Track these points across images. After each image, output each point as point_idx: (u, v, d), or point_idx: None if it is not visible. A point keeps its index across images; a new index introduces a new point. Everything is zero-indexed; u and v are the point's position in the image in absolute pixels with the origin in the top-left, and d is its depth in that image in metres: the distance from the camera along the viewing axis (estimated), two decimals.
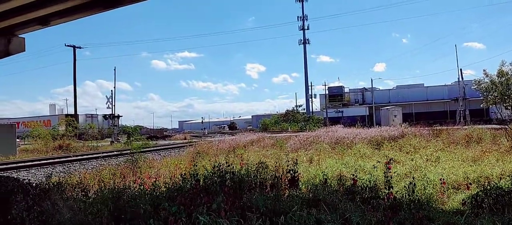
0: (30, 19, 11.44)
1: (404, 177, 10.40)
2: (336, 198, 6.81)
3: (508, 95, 16.55)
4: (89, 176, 12.85)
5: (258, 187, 7.72)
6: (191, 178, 7.70)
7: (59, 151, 30.44)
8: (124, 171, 13.68)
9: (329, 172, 10.43)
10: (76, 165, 19.61)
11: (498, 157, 12.93)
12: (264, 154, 17.15)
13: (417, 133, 20.90)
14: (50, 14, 11.05)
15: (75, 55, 59.19)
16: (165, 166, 14.81)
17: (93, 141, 40.37)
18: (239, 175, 8.08)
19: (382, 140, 19.89)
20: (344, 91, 78.82)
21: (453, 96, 54.96)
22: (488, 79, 17.21)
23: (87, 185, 9.87)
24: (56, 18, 11.44)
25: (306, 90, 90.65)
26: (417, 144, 17.72)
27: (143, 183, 8.06)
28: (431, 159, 13.62)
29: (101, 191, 7.58)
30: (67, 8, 10.63)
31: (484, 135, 18.28)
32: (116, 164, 17.74)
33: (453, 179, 9.61)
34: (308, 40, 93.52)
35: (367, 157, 15.22)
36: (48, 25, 11.93)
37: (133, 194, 7.12)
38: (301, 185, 8.58)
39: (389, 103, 67.36)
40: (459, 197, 7.85)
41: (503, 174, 9.78)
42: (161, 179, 10.13)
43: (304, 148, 19.72)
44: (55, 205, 6.97)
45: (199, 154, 18.98)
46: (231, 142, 25.04)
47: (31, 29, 12.60)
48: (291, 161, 9.18)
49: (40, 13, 10.84)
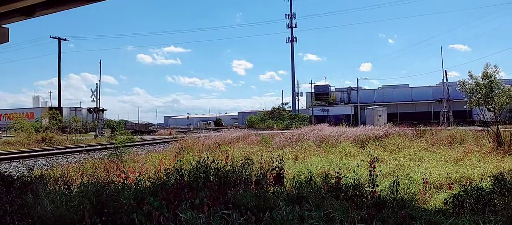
0: (15, 10, 11.22)
1: (388, 176, 10.51)
2: (321, 196, 6.85)
3: (491, 97, 16.77)
4: (72, 170, 12.72)
5: (243, 184, 7.71)
6: (175, 173, 7.67)
7: (42, 144, 30.08)
8: (108, 165, 13.56)
9: (314, 170, 10.49)
10: (59, 158, 19.39)
11: (480, 158, 13.15)
12: (249, 151, 17.16)
13: (401, 133, 21.11)
14: (35, 5, 10.86)
15: (60, 47, 58.51)
16: (150, 161, 14.74)
17: (77, 134, 39.92)
18: (224, 171, 8.07)
19: (366, 139, 20.05)
20: (330, 90, 79.11)
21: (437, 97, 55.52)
22: (473, 80, 17.42)
23: (70, 178, 9.77)
24: (42, 9, 11.24)
25: (292, 88, 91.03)
26: (401, 143, 17.91)
27: (127, 178, 8.00)
28: (415, 158, 13.79)
29: (84, 185, 7.50)
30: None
31: (467, 136, 18.54)
32: (100, 158, 17.59)
33: (436, 179, 9.74)
34: (295, 38, 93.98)
35: (352, 155, 15.35)
36: (33, 16, 11.73)
37: (117, 188, 7.06)
38: (286, 182, 8.60)
39: (374, 102, 67.83)
40: (441, 196, 7.96)
41: (484, 175, 9.95)
42: (145, 174, 10.07)
43: (290, 145, 19.79)
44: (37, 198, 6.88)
45: (184, 149, 18.90)
46: (216, 138, 25.01)
47: (16, 20, 12.38)
48: (277, 158, 9.20)
49: (25, 4, 10.64)
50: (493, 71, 16.92)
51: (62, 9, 11.47)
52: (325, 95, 77.44)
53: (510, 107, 17.03)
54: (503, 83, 17.30)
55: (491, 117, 17.86)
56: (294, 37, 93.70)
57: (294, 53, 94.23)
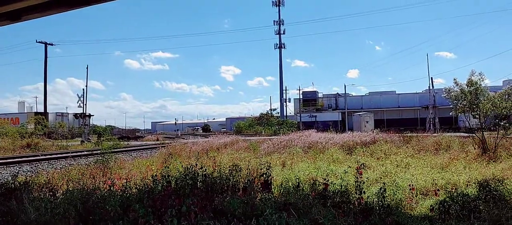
0: (1, 14, 11.09)
1: (375, 182, 10.56)
2: (308, 202, 6.85)
3: (476, 104, 16.96)
4: (58, 176, 12.55)
5: (231, 190, 7.69)
6: (162, 180, 7.62)
7: (27, 150, 29.67)
8: (94, 172, 13.41)
9: (302, 176, 10.49)
10: (44, 165, 19.14)
11: (466, 165, 13.28)
12: (237, 157, 17.13)
13: (388, 139, 21.24)
14: (22, 9, 10.73)
15: (46, 51, 58.05)
16: (136, 167, 14.63)
17: (63, 140, 39.46)
18: (212, 177, 8.04)
19: (354, 145, 20.14)
20: (318, 96, 79.42)
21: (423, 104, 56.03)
22: (458, 88, 17.60)
23: (55, 185, 9.65)
24: (28, 14, 11.11)
25: (280, 94, 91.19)
26: (388, 150, 18.01)
27: (113, 184, 7.92)
28: (401, 165, 13.88)
29: (69, 192, 7.41)
30: (40, 4, 10.33)
31: (453, 143, 18.71)
32: (86, 164, 17.40)
33: (422, 185, 9.80)
34: (284, 44, 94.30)
35: (339, 162, 15.40)
36: (19, 20, 11.58)
37: (103, 195, 6.98)
38: (274, 188, 8.59)
39: (361, 109, 68.23)
40: (428, 203, 8.01)
41: (470, 181, 10.06)
42: (132, 180, 9.99)
43: (278, 151, 19.79)
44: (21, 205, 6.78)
45: (172, 155, 18.80)
46: (204, 144, 24.91)
47: (1, 24, 12.21)
48: (265, 165, 9.19)
49: (11, 8, 10.50)
50: (478, 78, 17.12)
51: (49, 13, 11.35)
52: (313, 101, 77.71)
53: (494, 114, 17.22)
54: (488, 90, 17.51)
55: (476, 124, 18.06)
56: (282, 43, 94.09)
57: (282, 59, 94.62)
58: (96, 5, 10.75)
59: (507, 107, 16.51)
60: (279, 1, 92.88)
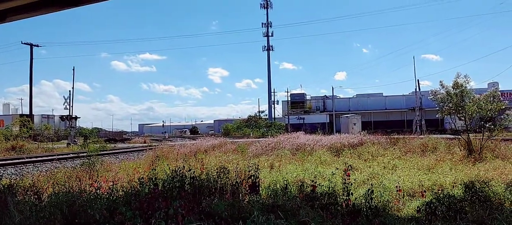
0: None
1: (362, 184, 10.60)
2: (296, 204, 6.85)
3: (462, 107, 17.15)
4: (43, 179, 12.39)
5: (218, 192, 7.66)
6: (149, 182, 7.56)
7: (12, 153, 29.27)
8: (80, 174, 13.27)
9: (290, 178, 10.49)
10: (30, 167, 18.88)
11: (452, 166, 13.42)
12: (225, 159, 17.08)
13: (375, 141, 21.37)
14: (7, 10, 10.58)
15: (32, 53, 57.41)
16: (123, 170, 14.49)
17: (48, 142, 39.01)
18: (199, 180, 8.00)
19: (341, 147, 20.23)
20: (306, 98, 79.70)
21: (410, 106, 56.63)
22: (444, 90, 17.78)
23: (40, 188, 9.51)
24: (14, 14, 10.94)
25: (269, 96, 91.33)
26: (375, 152, 18.13)
27: (100, 187, 7.84)
28: (388, 166, 13.98)
29: (55, 195, 7.31)
30: (26, 4, 10.19)
31: (439, 145, 18.90)
32: (72, 167, 17.19)
33: (409, 187, 9.87)
34: (272, 47, 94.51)
35: (327, 163, 15.44)
36: (3, 21, 11.41)
37: (89, 198, 6.90)
38: (261, 190, 8.58)
39: (349, 111, 68.61)
40: (414, 204, 8.06)
41: (456, 183, 10.16)
42: (119, 183, 9.89)
43: (266, 153, 19.79)
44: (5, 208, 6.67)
45: (159, 158, 18.68)
46: (192, 146, 24.80)
47: None
48: (253, 167, 9.17)
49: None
50: (463, 81, 17.32)
51: (35, 14, 11.21)
52: (301, 104, 77.95)
53: (480, 116, 17.43)
54: (473, 92, 17.73)
55: (462, 126, 18.27)
56: (270, 45, 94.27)
57: (270, 61, 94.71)
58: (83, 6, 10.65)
59: (492, 109, 16.73)
60: (267, 4, 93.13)
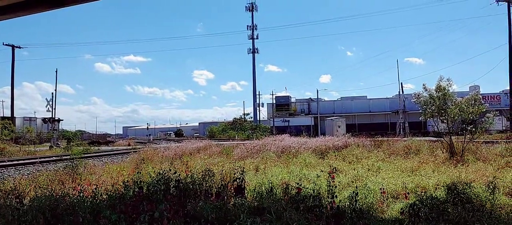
0: None
1: (347, 186, 10.67)
2: (281, 207, 6.86)
3: (444, 109, 17.38)
4: (25, 182, 12.18)
5: (204, 195, 7.63)
6: (134, 186, 7.50)
7: None
8: (63, 178, 13.10)
9: (275, 181, 10.51)
10: (11, 171, 18.57)
11: (434, 168, 13.59)
12: (210, 162, 17.03)
13: (360, 143, 21.53)
14: None
15: (13, 54, 56.71)
16: (107, 173, 14.35)
17: (30, 145, 38.40)
18: (184, 182, 7.96)
19: (326, 149, 20.34)
20: (290, 101, 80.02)
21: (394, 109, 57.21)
22: (427, 93, 18.00)
23: (22, 191, 9.35)
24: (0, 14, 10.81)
25: (254, 99, 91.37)
26: (359, 154, 18.26)
27: (83, 190, 7.76)
28: (373, 169, 14.08)
29: (37, 198, 7.20)
30: (10, 4, 10.05)
31: (422, 147, 19.11)
32: (54, 170, 16.95)
33: (393, 189, 9.96)
34: (257, 49, 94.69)
35: (312, 166, 15.50)
36: None
37: (72, 202, 6.82)
38: (247, 193, 8.58)
39: (333, 114, 69.04)
40: (398, 206, 8.14)
41: (439, 185, 10.29)
42: (103, 186, 9.79)
43: (251, 156, 19.79)
44: None
45: (143, 161, 18.55)
46: (177, 149, 24.67)
47: None
48: (238, 169, 9.16)
49: None
50: (446, 84, 17.55)
51: (20, 15, 11.06)
52: (286, 106, 78.24)
53: (462, 118, 17.69)
54: (456, 95, 17.98)
55: (445, 128, 18.50)
56: (256, 48, 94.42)
57: (255, 64, 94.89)
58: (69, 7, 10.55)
59: (474, 112, 16.99)
60: (252, 7, 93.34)
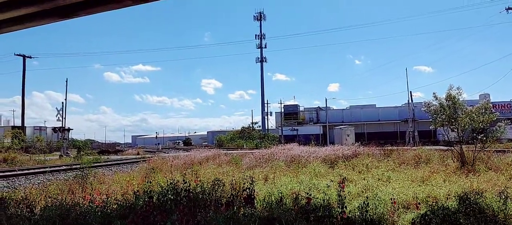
0: None
1: (357, 196, 10.60)
2: (291, 217, 6.84)
3: (454, 118, 17.25)
4: (35, 192, 12.26)
5: (213, 205, 7.62)
6: (144, 195, 7.51)
7: (3, 165, 28.98)
8: (73, 187, 13.16)
9: (284, 190, 10.47)
10: (22, 180, 18.71)
11: (445, 178, 13.46)
12: (219, 171, 17.03)
13: (369, 152, 21.41)
14: (2, 21, 10.53)
15: (24, 64, 57.41)
16: (117, 182, 14.40)
17: (41, 154, 38.69)
18: (194, 192, 7.96)
19: (335, 159, 20.23)
20: (299, 109, 79.84)
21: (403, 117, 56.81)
22: (437, 102, 17.89)
23: (33, 200, 9.41)
24: (8, 26, 10.89)
25: (262, 107, 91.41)
26: (369, 163, 18.14)
27: (93, 200, 7.78)
28: (383, 178, 13.98)
29: (48, 208, 7.25)
30: (21, 16, 10.16)
31: (432, 156, 18.96)
32: (64, 179, 17.06)
33: (403, 199, 9.87)
34: (265, 58, 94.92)
35: (322, 175, 15.43)
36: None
37: (83, 211, 6.85)
38: (256, 203, 8.56)
39: (342, 122, 68.79)
40: (409, 216, 8.06)
41: (450, 194, 10.18)
42: (112, 195, 9.82)
43: (260, 165, 19.74)
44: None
45: (153, 170, 18.60)
46: (186, 158, 24.70)
47: None
48: (247, 179, 9.15)
49: None
50: (456, 92, 17.44)
51: (29, 26, 11.16)
52: (294, 115, 78.07)
53: (472, 127, 17.54)
54: (466, 104, 17.86)
55: (455, 137, 18.35)
56: (264, 57, 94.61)
57: (263, 73, 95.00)
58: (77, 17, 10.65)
59: (484, 121, 16.85)
60: (260, 16, 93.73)
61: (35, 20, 10.62)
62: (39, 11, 9.87)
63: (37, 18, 10.40)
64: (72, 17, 10.41)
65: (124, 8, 9.92)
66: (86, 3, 9.41)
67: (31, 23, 10.91)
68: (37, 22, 10.87)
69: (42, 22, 10.90)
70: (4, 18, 10.26)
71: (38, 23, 11.00)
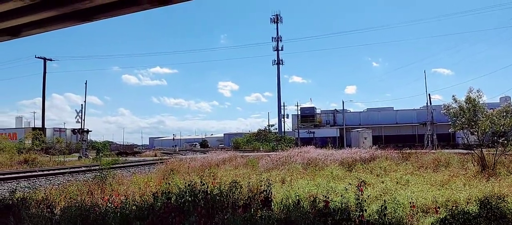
0: (0, 29, 11.10)
1: (375, 199, 10.50)
2: (309, 220, 6.81)
3: (475, 121, 16.99)
4: (56, 192, 12.43)
5: (231, 207, 7.63)
6: (162, 196, 7.56)
7: (25, 165, 29.53)
8: (92, 188, 13.31)
9: (302, 193, 10.43)
10: (42, 181, 19.02)
11: (465, 182, 13.23)
12: (236, 173, 17.05)
13: (387, 155, 21.21)
14: (22, 25, 10.76)
15: (45, 67, 58.36)
16: (135, 184, 14.52)
17: (60, 155, 39.32)
18: (212, 194, 7.98)
19: (353, 162, 20.09)
20: (316, 112, 79.61)
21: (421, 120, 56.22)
22: (457, 105, 17.64)
23: (53, 201, 9.56)
24: (29, 29, 11.13)
25: (278, 110, 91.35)
26: (387, 167, 17.96)
27: (112, 201, 7.87)
28: (401, 182, 13.82)
29: (68, 208, 7.35)
30: (41, 19, 10.34)
31: (452, 160, 18.69)
32: (84, 180, 17.26)
33: (422, 203, 9.74)
34: (282, 60, 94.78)
35: (339, 178, 15.33)
36: (19, 36, 11.62)
37: (102, 212, 6.93)
38: (274, 206, 8.54)
39: (359, 125, 68.31)
40: (428, 220, 7.96)
41: (470, 199, 10.01)
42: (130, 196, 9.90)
43: (277, 168, 19.70)
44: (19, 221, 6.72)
45: (171, 171, 18.71)
46: (202, 160, 24.80)
47: (1, 40, 12.23)
48: (264, 181, 9.14)
49: (12, 24, 10.53)
50: (476, 95, 17.18)
51: (49, 29, 11.37)
52: (311, 117, 77.87)
53: (492, 131, 17.25)
54: (486, 107, 17.57)
55: (475, 141, 18.07)
56: (280, 59, 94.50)
57: (280, 75, 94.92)
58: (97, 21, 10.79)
59: (505, 124, 16.55)
60: (277, 18, 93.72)
61: (55, 23, 10.79)
62: (59, 15, 10.02)
63: (57, 21, 10.56)
64: (92, 20, 10.55)
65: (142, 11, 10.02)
66: (105, 7, 9.53)
67: (52, 26, 11.09)
68: (58, 25, 11.05)
69: (62, 25, 11.07)
70: (26, 21, 10.46)
71: (58, 26, 11.18)
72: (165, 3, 9.04)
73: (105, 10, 9.73)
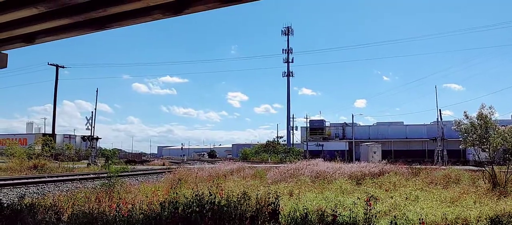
0: (15, 36, 11.23)
1: (384, 215, 10.39)
2: None
3: (486, 138, 16.81)
4: (64, 199, 12.47)
5: (238, 219, 7.59)
6: (170, 206, 7.54)
7: (34, 171, 29.70)
8: (100, 195, 13.33)
9: (310, 206, 10.36)
10: (51, 187, 19.11)
11: (476, 199, 13.06)
12: (244, 184, 17.00)
13: (396, 170, 21.03)
14: (36, 32, 10.88)
15: (57, 74, 58.90)
16: (143, 192, 14.53)
17: (69, 162, 39.52)
18: (219, 205, 7.95)
19: (362, 176, 19.95)
20: (325, 125, 79.28)
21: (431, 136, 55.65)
22: (468, 121, 17.48)
23: (61, 208, 9.58)
24: (42, 36, 11.25)
25: (287, 122, 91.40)
26: (396, 182, 17.80)
27: (120, 209, 7.86)
28: (410, 197, 13.68)
29: (75, 216, 7.36)
30: (55, 27, 10.45)
31: (462, 177, 18.48)
32: (92, 187, 17.31)
33: (432, 219, 9.63)
34: (292, 72, 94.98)
35: (348, 192, 15.22)
36: (33, 42, 11.74)
37: (109, 220, 6.92)
38: (281, 218, 8.48)
39: (369, 139, 67.89)
40: None
41: (481, 217, 9.86)
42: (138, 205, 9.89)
43: (285, 180, 19.63)
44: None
45: (179, 181, 18.70)
46: (210, 170, 24.77)
47: (15, 46, 12.37)
48: (272, 193, 9.09)
49: (26, 30, 10.66)
50: (488, 112, 17.02)
51: (63, 37, 11.46)
52: (320, 130, 77.53)
53: (504, 148, 17.03)
54: (498, 124, 17.39)
55: (486, 158, 17.86)
56: (291, 71, 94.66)
57: (290, 87, 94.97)
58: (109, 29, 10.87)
59: None
60: (288, 30, 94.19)
61: (69, 31, 10.89)
62: (73, 23, 10.11)
63: (71, 29, 10.66)
64: (105, 28, 10.63)
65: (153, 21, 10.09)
66: (118, 16, 9.61)
67: (65, 34, 11.20)
68: (71, 33, 11.15)
69: (75, 33, 11.17)
70: (40, 29, 10.58)
71: (72, 34, 11.28)
72: (177, 13, 9.10)
73: (118, 19, 9.80)
